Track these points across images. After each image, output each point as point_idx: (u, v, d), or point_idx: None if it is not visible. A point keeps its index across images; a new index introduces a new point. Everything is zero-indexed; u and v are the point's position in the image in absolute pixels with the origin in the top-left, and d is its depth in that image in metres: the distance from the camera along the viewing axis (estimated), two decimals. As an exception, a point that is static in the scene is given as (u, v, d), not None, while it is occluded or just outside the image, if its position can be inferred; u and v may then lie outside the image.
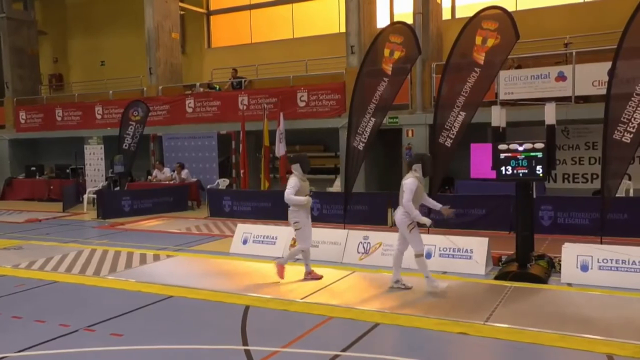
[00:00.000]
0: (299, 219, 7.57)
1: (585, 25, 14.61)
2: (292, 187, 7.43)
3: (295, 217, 7.58)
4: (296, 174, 7.54)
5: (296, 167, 7.58)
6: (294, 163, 7.63)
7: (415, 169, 7.03)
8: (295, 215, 7.57)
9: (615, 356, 4.85)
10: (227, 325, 5.98)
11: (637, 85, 7.82)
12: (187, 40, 22.05)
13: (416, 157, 7.21)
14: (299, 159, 7.67)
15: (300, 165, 7.56)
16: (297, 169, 7.56)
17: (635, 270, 7.12)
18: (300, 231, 7.60)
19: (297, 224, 7.58)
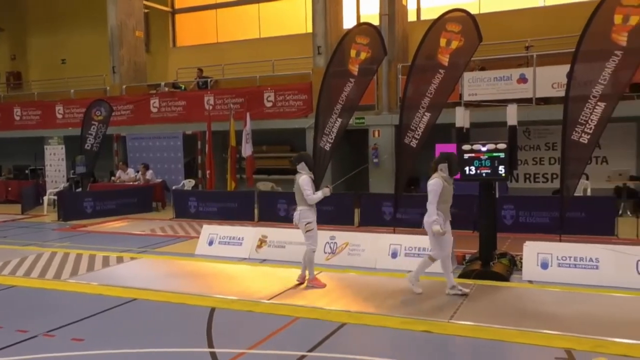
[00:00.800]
0: (311, 219, 7.34)
1: (545, 29, 14.98)
2: (309, 186, 7.21)
3: (307, 217, 7.31)
4: (305, 172, 7.35)
5: (302, 166, 7.38)
6: (299, 162, 7.40)
7: (441, 169, 6.80)
8: (308, 214, 7.31)
9: (574, 350, 4.98)
10: (192, 328, 5.91)
11: (593, 87, 8.07)
12: (152, 39, 21.70)
13: (442, 157, 6.94)
14: (302, 158, 7.47)
15: (305, 163, 7.40)
16: (304, 168, 7.38)
17: (592, 267, 7.34)
18: (313, 232, 7.37)
19: (309, 224, 7.32)
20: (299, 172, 7.36)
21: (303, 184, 7.22)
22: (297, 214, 7.38)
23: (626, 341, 5.17)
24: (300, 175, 7.32)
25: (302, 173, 7.33)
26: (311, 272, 7.43)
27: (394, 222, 10.71)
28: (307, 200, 7.22)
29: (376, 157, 14.63)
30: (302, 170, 7.36)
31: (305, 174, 7.32)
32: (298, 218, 7.37)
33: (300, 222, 7.35)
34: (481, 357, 5.15)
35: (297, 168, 7.40)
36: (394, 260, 8.43)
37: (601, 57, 8.03)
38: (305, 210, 7.31)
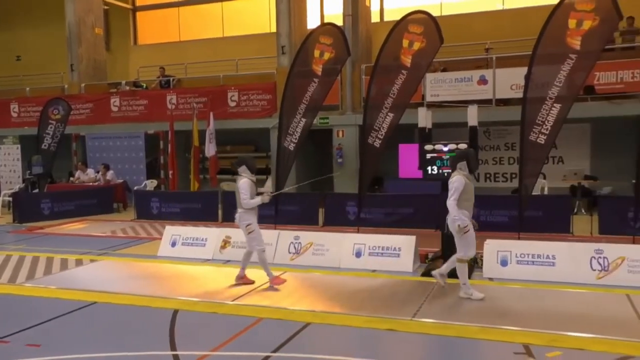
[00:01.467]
0: (251, 221, 7.33)
1: (504, 32, 15.33)
2: (246, 190, 7.19)
3: (246, 220, 7.31)
4: (245, 176, 7.33)
5: (243, 169, 7.37)
6: (240, 166, 7.40)
7: (460, 167, 6.65)
8: (247, 217, 7.31)
9: (532, 345, 5.13)
10: (154, 330, 5.82)
11: (550, 89, 8.30)
12: (112, 36, 21.25)
13: (459, 155, 6.82)
14: (243, 161, 7.47)
15: (247, 166, 7.38)
16: (245, 171, 7.36)
17: (549, 264, 7.56)
18: (254, 233, 7.36)
19: (249, 226, 7.31)
20: (240, 175, 7.34)
21: (241, 187, 7.21)
22: (237, 216, 7.38)
23: (580, 335, 5.34)
24: (240, 179, 7.30)
25: (243, 176, 7.31)
26: (269, 272, 7.37)
27: (358, 221, 10.79)
28: (242, 204, 7.20)
29: (340, 157, 14.70)
30: (244, 174, 7.34)
31: (245, 177, 7.31)
32: (238, 220, 7.36)
33: (240, 225, 7.34)
34: (444, 353, 5.25)
35: (239, 171, 7.38)
36: (358, 260, 8.49)
37: (557, 60, 8.28)
38: (243, 212, 7.29)
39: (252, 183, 7.31)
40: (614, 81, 12.85)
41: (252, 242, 7.38)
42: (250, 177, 7.33)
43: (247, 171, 7.36)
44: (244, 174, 7.34)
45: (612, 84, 12.89)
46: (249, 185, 7.25)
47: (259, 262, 7.37)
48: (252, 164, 7.46)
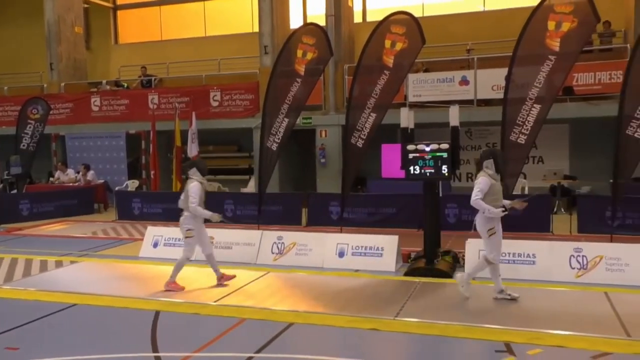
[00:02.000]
0: (194, 226, 7.21)
1: (485, 33, 15.48)
2: (196, 194, 7.09)
3: (189, 224, 7.19)
4: (196, 178, 7.26)
5: (193, 171, 7.31)
6: (191, 168, 7.35)
7: (486, 166, 6.45)
8: (190, 221, 7.20)
9: (513, 343, 5.18)
10: (136, 332, 5.77)
11: (529, 90, 8.41)
12: (92, 35, 21.00)
13: (486, 154, 6.59)
14: (194, 164, 7.43)
15: (197, 169, 7.32)
16: (195, 173, 7.30)
17: (530, 263, 7.65)
18: (191, 240, 7.25)
19: (190, 231, 7.19)
20: (190, 178, 7.28)
21: (190, 190, 7.12)
22: (182, 218, 7.28)
23: (560, 332, 5.42)
24: (190, 181, 7.23)
25: (193, 179, 7.25)
26: (174, 275, 7.27)
27: (341, 221, 10.81)
28: (190, 208, 7.10)
29: (323, 157, 14.72)
30: (194, 176, 7.28)
31: (196, 180, 7.24)
32: (182, 222, 7.26)
33: (182, 227, 7.26)
34: (427, 352, 5.29)
35: (189, 174, 7.33)
36: (341, 260, 8.50)
37: (536, 61, 8.39)
38: (189, 217, 7.20)
39: (202, 186, 7.24)
40: (592, 82, 13.08)
41: (187, 246, 7.30)
42: (200, 180, 7.27)
43: (197, 174, 7.29)
44: (194, 176, 7.28)
45: (590, 85, 13.12)
46: (199, 189, 7.18)
47: (176, 264, 7.28)
48: (202, 166, 7.42)
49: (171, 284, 7.27)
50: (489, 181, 6.36)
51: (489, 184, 6.33)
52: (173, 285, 7.28)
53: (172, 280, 7.28)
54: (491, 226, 6.39)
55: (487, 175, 6.41)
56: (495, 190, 6.37)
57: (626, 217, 9.75)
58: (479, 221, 6.49)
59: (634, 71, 8.07)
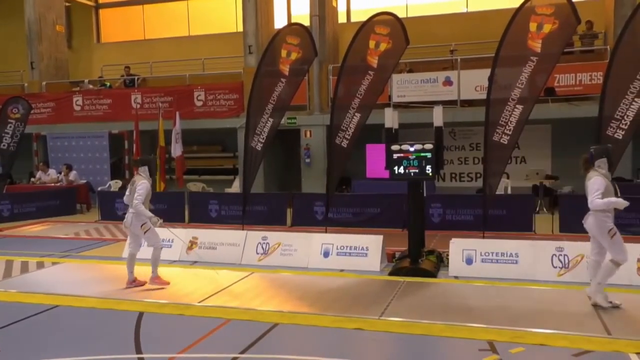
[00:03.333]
0: (145, 220, 7.22)
1: (468, 34, 15.61)
2: (144, 194, 7.10)
3: (143, 219, 7.19)
4: (143, 176, 7.27)
5: (144, 169, 7.32)
6: (142, 165, 7.36)
7: (599, 165, 6.05)
8: (141, 217, 7.20)
9: (496, 342, 5.23)
10: (119, 334, 5.72)
11: (512, 91, 8.49)
12: (74, 34, 20.77)
13: (598, 152, 6.11)
14: (145, 162, 7.44)
15: (149, 167, 7.35)
16: (145, 172, 7.31)
17: (512, 262, 7.73)
18: (151, 231, 7.26)
19: (145, 225, 7.20)
20: (139, 175, 7.28)
21: (139, 189, 7.12)
22: (129, 216, 7.25)
23: (542, 331, 5.48)
24: (140, 179, 7.23)
25: (142, 176, 7.26)
26: (155, 270, 7.33)
27: (326, 221, 10.82)
28: (133, 205, 7.09)
29: (308, 157, 14.72)
30: (143, 174, 7.29)
31: (145, 179, 7.24)
32: (131, 220, 7.23)
33: (133, 225, 7.24)
34: (411, 352, 5.31)
35: (139, 171, 7.34)
36: (326, 260, 8.51)
37: (518, 62, 8.47)
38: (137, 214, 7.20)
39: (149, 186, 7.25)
40: (573, 83, 13.27)
41: (150, 240, 7.29)
42: (148, 180, 7.28)
43: (146, 172, 7.31)
44: (143, 174, 7.30)
45: (571, 86, 13.31)
46: (147, 188, 7.19)
47: (151, 259, 7.32)
48: (153, 167, 7.47)
49: (155, 279, 7.29)
50: (604, 181, 5.96)
51: (604, 184, 5.93)
52: (157, 280, 7.29)
53: (155, 276, 7.30)
54: (610, 227, 5.99)
55: (600, 174, 6.02)
56: (609, 190, 5.97)
57: (607, 217, 9.88)
58: (594, 224, 6.04)
59: (613, 73, 8.19)
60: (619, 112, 8.02)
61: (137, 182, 7.26)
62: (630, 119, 7.97)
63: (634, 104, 7.92)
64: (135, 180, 7.34)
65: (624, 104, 7.99)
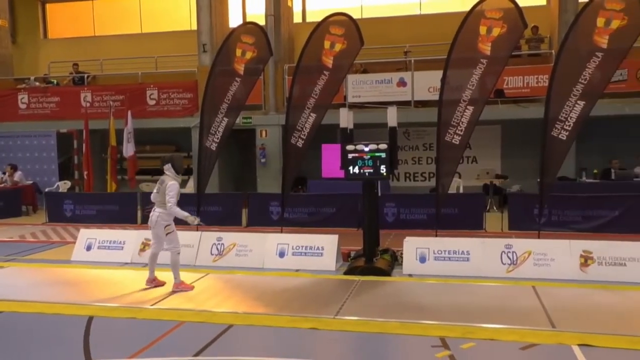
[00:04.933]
0: (171, 221, 7.15)
1: (422, 36, 15.88)
2: (175, 195, 6.98)
3: (167, 220, 7.12)
4: (170, 175, 7.11)
5: (168, 167, 7.14)
6: (166, 163, 7.17)
7: None
8: (168, 217, 7.11)
9: (447, 338, 5.35)
10: (67, 339, 5.55)
11: (463, 92, 8.70)
12: (19, 29, 20.00)
13: None
14: (171, 159, 7.24)
15: (172, 165, 7.15)
16: (170, 170, 7.14)
17: (464, 260, 7.92)
18: (173, 234, 7.18)
19: (169, 227, 7.14)
20: (167, 174, 7.15)
21: (170, 189, 7.00)
22: (155, 215, 7.17)
23: (492, 326, 5.64)
24: (168, 179, 7.09)
25: (170, 176, 7.13)
26: (177, 275, 7.21)
27: (281, 221, 10.80)
28: (167, 207, 7.00)
29: (264, 157, 14.66)
30: (168, 172, 7.15)
31: (173, 178, 7.12)
32: (156, 220, 7.15)
33: (157, 225, 7.16)
34: (366, 350, 5.36)
35: (164, 169, 7.19)
36: (281, 260, 8.51)
37: (469, 65, 8.68)
38: (164, 213, 7.11)
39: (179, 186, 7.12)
40: (521, 85, 13.73)
41: (171, 243, 7.19)
42: (176, 179, 7.15)
43: (172, 170, 7.16)
44: (168, 172, 7.15)
45: (519, 88, 13.76)
46: (178, 189, 7.08)
47: (171, 264, 7.19)
48: (179, 164, 7.28)
49: (180, 285, 7.16)
50: None
51: None
52: (182, 285, 7.17)
53: (178, 282, 7.17)
54: None
55: None
56: None
57: (552, 214, 10.27)
58: None
59: (557, 76, 8.49)
60: (563, 113, 8.32)
61: (166, 181, 7.06)
62: (574, 121, 8.28)
63: (577, 106, 8.24)
64: (164, 180, 7.11)
65: (567, 106, 8.29)
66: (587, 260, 7.53)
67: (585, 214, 10.27)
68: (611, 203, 10.23)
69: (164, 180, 7.15)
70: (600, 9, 8.02)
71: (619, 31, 7.92)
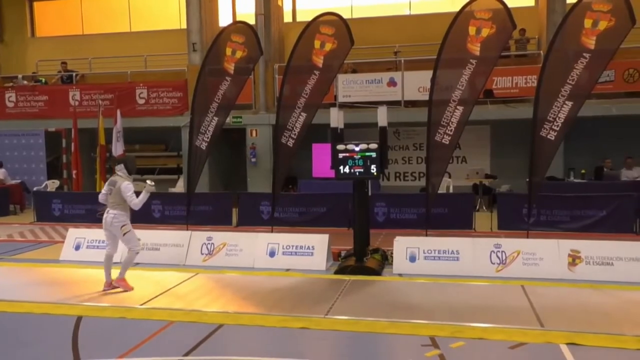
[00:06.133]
0: (127, 221, 7.14)
1: (412, 36, 15.94)
2: (132, 192, 7.01)
3: (123, 220, 7.09)
4: (123, 176, 7.13)
5: (120, 167, 7.19)
6: (118, 164, 7.24)
7: None
8: (123, 218, 7.09)
9: (437, 337, 5.38)
10: (55, 339, 5.51)
11: (453, 92, 8.73)
12: (6, 27, 19.81)
13: None
14: (123, 161, 7.33)
15: (124, 166, 7.20)
16: (122, 170, 7.17)
17: (454, 259, 7.96)
18: (130, 233, 7.15)
19: (125, 227, 7.10)
20: (118, 175, 7.15)
21: (126, 189, 7.00)
22: (110, 216, 7.12)
23: (481, 325, 5.68)
24: (121, 180, 7.08)
25: (122, 177, 7.13)
26: (123, 272, 7.20)
27: (272, 221, 10.78)
28: (132, 204, 7.01)
29: (254, 157, 14.64)
30: (120, 172, 7.16)
31: (125, 179, 7.12)
32: (111, 220, 7.10)
33: (113, 226, 7.12)
34: (356, 349, 5.37)
35: (116, 169, 7.22)
36: (272, 259, 8.50)
37: (459, 65, 8.72)
38: (119, 214, 7.09)
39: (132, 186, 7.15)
40: (510, 86, 13.82)
41: (129, 242, 7.16)
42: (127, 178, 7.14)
43: (123, 170, 7.18)
44: (120, 173, 7.16)
45: (508, 89, 13.85)
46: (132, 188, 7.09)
47: (124, 260, 7.20)
48: (131, 165, 7.33)
49: (121, 281, 7.14)
50: None
51: None
52: (123, 282, 7.15)
53: (121, 277, 7.15)
54: None
55: None
56: None
57: (540, 214, 10.35)
58: None
59: (546, 76, 8.55)
60: (552, 114, 8.38)
61: (118, 182, 7.05)
62: (562, 121, 8.34)
63: (565, 106, 8.30)
64: (116, 181, 7.10)
65: (555, 106, 8.35)
66: (575, 260, 7.60)
67: (574, 213, 10.36)
68: (599, 203, 10.33)
69: (115, 181, 7.13)
70: (588, 10, 8.08)
71: (606, 32, 7.98)
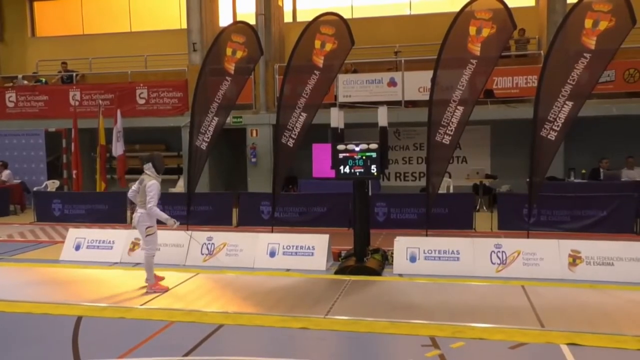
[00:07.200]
0: (152, 223, 7.08)
1: (412, 36, 15.93)
2: (156, 195, 6.89)
3: (149, 221, 7.04)
4: (151, 175, 7.01)
5: (149, 166, 7.05)
6: (146, 162, 7.07)
7: None
8: (148, 219, 7.03)
9: (437, 337, 5.37)
10: (55, 339, 5.51)
11: (453, 92, 8.74)
12: (7, 27, 19.80)
13: None
14: (151, 158, 7.13)
15: (152, 164, 7.06)
16: (150, 169, 7.04)
17: (454, 259, 7.96)
18: (153, 236, 7.10)
19: (150, 228, 7.06)
20: (147, 173, 7.05)
21: (150, 189, 6.91)
22: (137, 215, 7.09)
23: (481, 325, 5.67)
24: (149, 179, 7.00)
25: (150, 176, 7.03)
26: (151, 277, 7.14)
27: (272, 221, 10.79)
28: (147, 208, 6.93)
29: (254, 157, 14.64)
30: (148, 171, 7.05)
31: (152, 176, 7.04)
32: (137, 221, 7.07)
33: (139, 226, 7.09)
34: (355, 349, 5.37)
35: (145, 169, 7.09)
36: (272, 259, 8.50)
37: (459, 65, 8.72)
38: (146, 214, 7.03)
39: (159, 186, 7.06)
40: (510, 86, 13.82)
41: (148, 244, 7.11)
42: (156, 178, 7.06)
43: (152, 170, 7.07)
44: (148, 172, 7.06)
45: (509, 89, 13.85)
46: (158, 189, 7.00)
47: (146, 266, 7.13)
48: (159, 163, 7.17)
49: (154, 286, 7.09)
50: None
51: None
52: (157, 286, 7.10)
53: (153, 282, 7.10)
54: None
55: None
56: None
57: (541, 214, 10.35)
58: None
59: (546, 76, 8.55)
60: (552, 114, 8.38)
61: (145, 181, 6.98)
62: (562, 121, 8.34)
63: (565, 106, 8.30)
64: (143, 179, 7.03)
65: (556, 106, 8.35)
66: (575, 260, 7.59)
67: (574, 213, 10.35)
68: (599, 203, 10.32)
69: (143, 179, 7.07)
70: (588, 10, 8.08)
71: (607, 32, 7.98)
